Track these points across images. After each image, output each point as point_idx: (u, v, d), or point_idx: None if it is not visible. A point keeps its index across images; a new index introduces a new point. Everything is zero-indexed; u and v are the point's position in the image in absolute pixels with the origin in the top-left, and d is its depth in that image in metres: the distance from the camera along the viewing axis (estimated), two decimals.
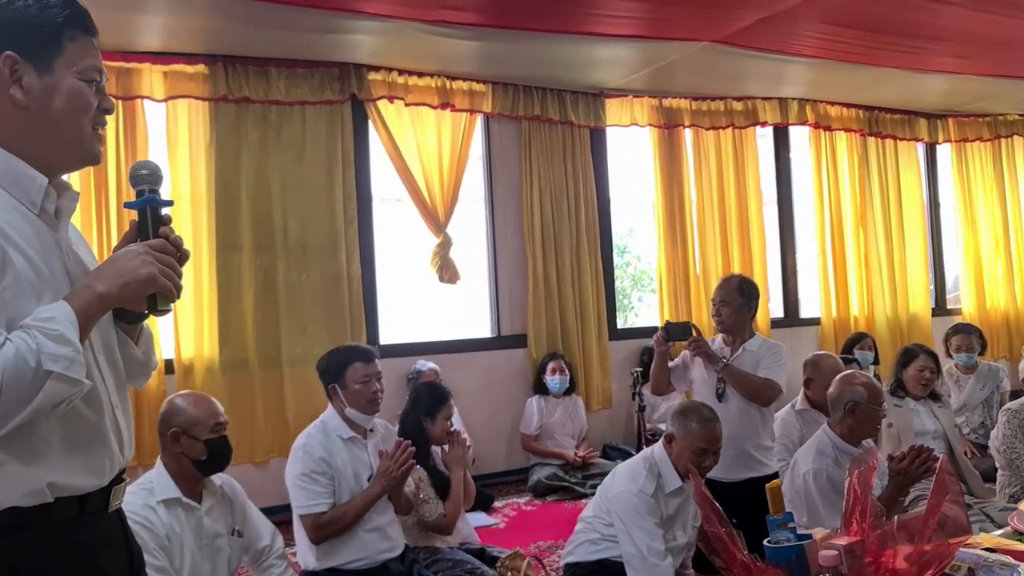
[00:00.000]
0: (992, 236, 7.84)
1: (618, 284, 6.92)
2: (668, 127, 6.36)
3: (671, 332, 3.85)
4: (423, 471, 3.45)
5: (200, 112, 4.86)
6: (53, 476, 1.31)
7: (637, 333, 6.38)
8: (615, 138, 6.37)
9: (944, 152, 7.89)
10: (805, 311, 7.13)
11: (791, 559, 1.72)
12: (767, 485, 1.86)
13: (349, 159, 5.25)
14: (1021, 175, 8.04)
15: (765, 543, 1.77)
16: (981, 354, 5.32)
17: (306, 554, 3.09)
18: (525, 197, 5.83)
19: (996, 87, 6.69)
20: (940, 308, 7.77)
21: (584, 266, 5.99)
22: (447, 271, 5.50)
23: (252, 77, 4.93)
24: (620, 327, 6.43)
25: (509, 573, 3.22)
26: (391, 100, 5.32)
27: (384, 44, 4.91)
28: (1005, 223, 7.88)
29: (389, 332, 5.51)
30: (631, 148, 6.57)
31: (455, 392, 4.00)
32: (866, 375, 3.40)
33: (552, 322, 5.86)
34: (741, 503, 2.57)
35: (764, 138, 6.96)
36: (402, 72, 5.35)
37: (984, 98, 7.13)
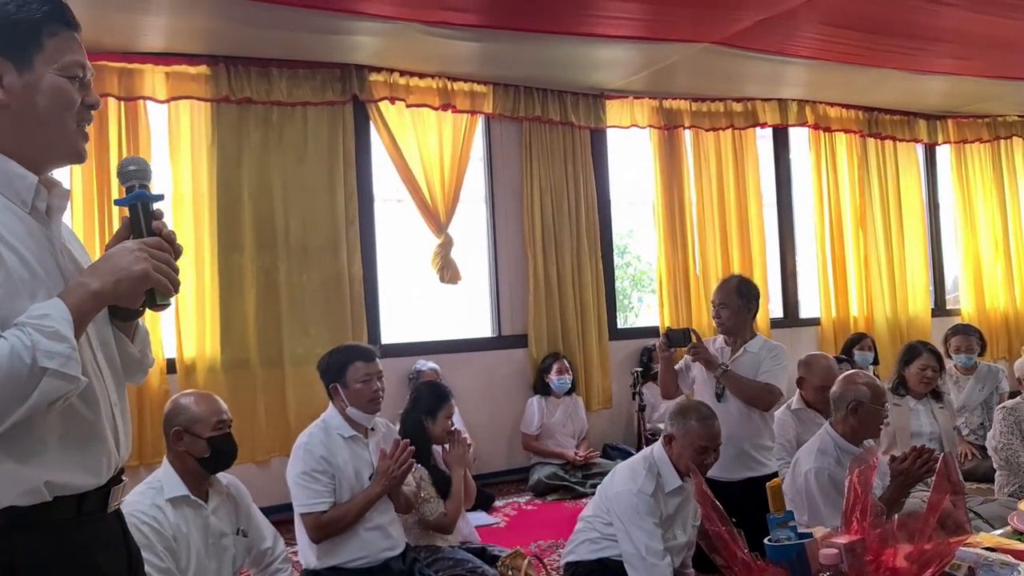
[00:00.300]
0: (991, 237, 7.85)
1: (618, 284, 6.92)
2: (668, 128, 6.37)
3: (672, 338, 3.92)
4: (424, 470, 3.47)
5: (202, 113, 4.86)
6: (50, 475, 1.30)
7: (637, 333, 6.40)
8: (615, 139, 6.38)
9: (943, 153, 7.90)
10: (805, 312, 7.14)
11: (791, 557, 1.72)
12: (768, 484, 1.86)
13: (350, 160, 5.26)
14: (1020, 176, 8.04)
15: (766, 541, 1.77)
16: (981, 355, 5.29)
17: (307, 553, 3.09)
18: (526, 198, 5.84)
19: (995, 88, 6.70)
20: (940, 309, 7.78)
21: (584, 266, 6.00)
22: (448, 271, 5.51)
23: (254, 78, 4.94)
24: (620, 327, 6.44)
25: (510, 572, 3.23)
26: (392, 101, 5.33)
27: (385, 45, 4.92)
28: (1004, 224, 7.89)
29: (390, 332, 5.52)
30: (631, 149, 6.59)
31: (456, 392, 4.00)
32: (869, 375, 3.40)
33: (553, 322, 5.87)
34: (741, 502, 2.58)
35: (764, 139, 6.96)
36: (403, 73, 5.36)
37: (983, 99, 7.14)
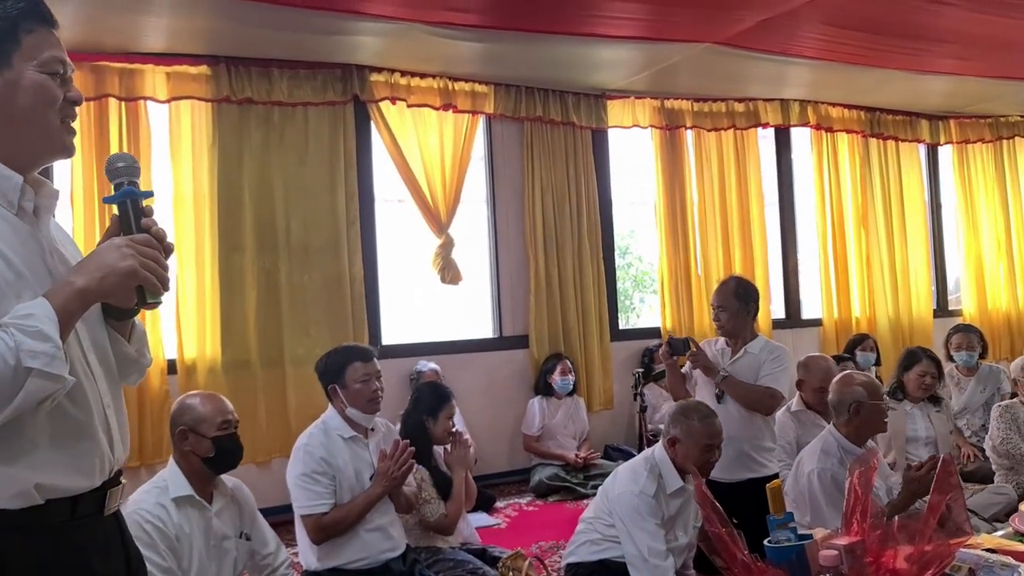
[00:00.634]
0: (993, 237, 7.83)
1: (620, 285, 6.92)
2: (670, 128, 6.36)
3: (674, 347, 4.00)
4: (425, 471, 3.46)
5: (203, 113, 4.86)
6: (40, 477, 1.28)
7: (639, 334, 6.40)
8: (617, 139, 6.37)
9: (946, 153, 7.89)
10: (807, 312, 7.13)
11: (791, 559, 1.72)
12: (768, 485, 1.86)
13: (351, 160, 5.26)
14: (1022, 176, 8.03)
15: (766, 543, 1.77)
16: (982, 356, 5.28)
17: (307, 554, 3.09)
18: (527, 198, 5.84)
19: (997, 88, 6.69)
20: (942, 309, 7.76)
21: (586, 267, 6.00)
22: (449, 272, 5.50)
23: (255, 78, 4.94)
24: (622, 328, 6.42)
25: (511, 573, 3.22)
26: (393, 101, 5.33)
27: (386, 45, 4.92)
28: (1007, 224, 7.87)
29: (391, 333, 5.51)
30: (633, 149, 6.58)
31: (457, 393, 3.99)
32: (863, 373, 3.41)
33: (554, 323, 5.87)
34: (741, 504, 2.58)
35: (766, 139, 6.96)
36: (404, 73, 5.36)
37: (986, 99, 7.13)
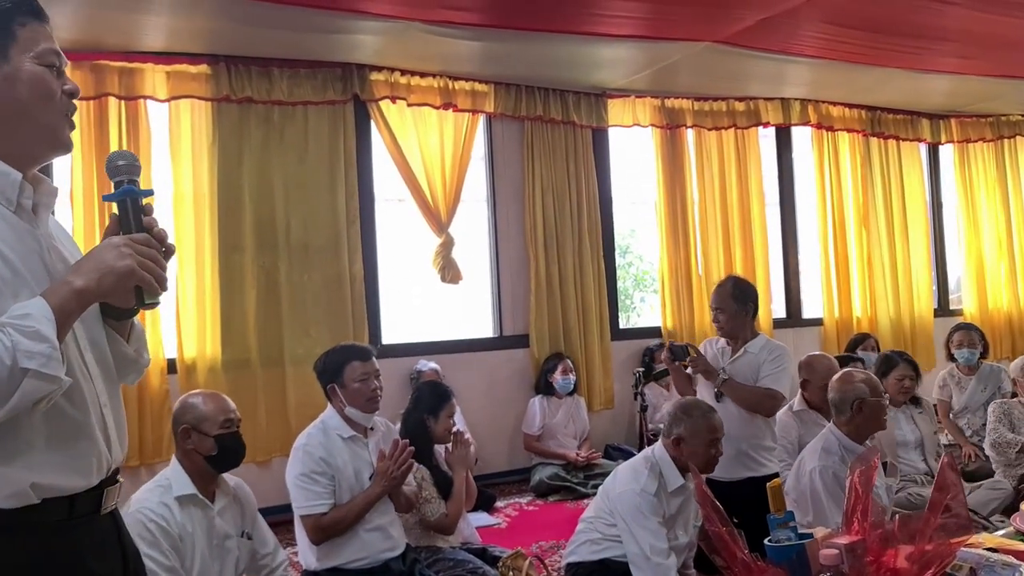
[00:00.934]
0: (995, 237, 7.82)
1: (620, 284, 6.91)
2: (670, 127, 6.36)
3: (675, 353, 4.05)
4: (426, 470, 3.46)
5: (203, 112, 4.86)
6: (36, 477, 1.28)
7: (639, 333, 6.39)
8: (617, 138, 6.37)
9: (947, 152, 7.88)
10: (808, 312, 7.12)
11: (792, 558, 1.71)
12: (768, 484, 1.85)
13: (351, 159, 5.25)
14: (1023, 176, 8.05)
15: (766, 542, 1.76)
16: (983, 356, 5.28)
17: (307, 554, 3.09)
18: (527, 197, 5.83)
19: (999, 87, 6.68)
20: (943, 309, 7.75)
21: (586, 266, 5.99)
22: (449, 271, 5.50)
23: (255, 77, 4.93)
24: (622, 327, 6.42)
25: (511, 573, 3.22)
26: (393, 100, 5.32)
27: (386, 44, 4.92)
28: (1008, 224, 7.86)
29: (391, 332, 5.51)
30: (633, 148, 6.57)
31: (457, 392, 3.99)
32: (863, 371, 3.41)
33: (554, 322, 5.86)
34: (741, 503, 2.57)
35: (766, 138, 6.95)
36: (404, 72, 5.35)
37: (987, 98, 7.12)
